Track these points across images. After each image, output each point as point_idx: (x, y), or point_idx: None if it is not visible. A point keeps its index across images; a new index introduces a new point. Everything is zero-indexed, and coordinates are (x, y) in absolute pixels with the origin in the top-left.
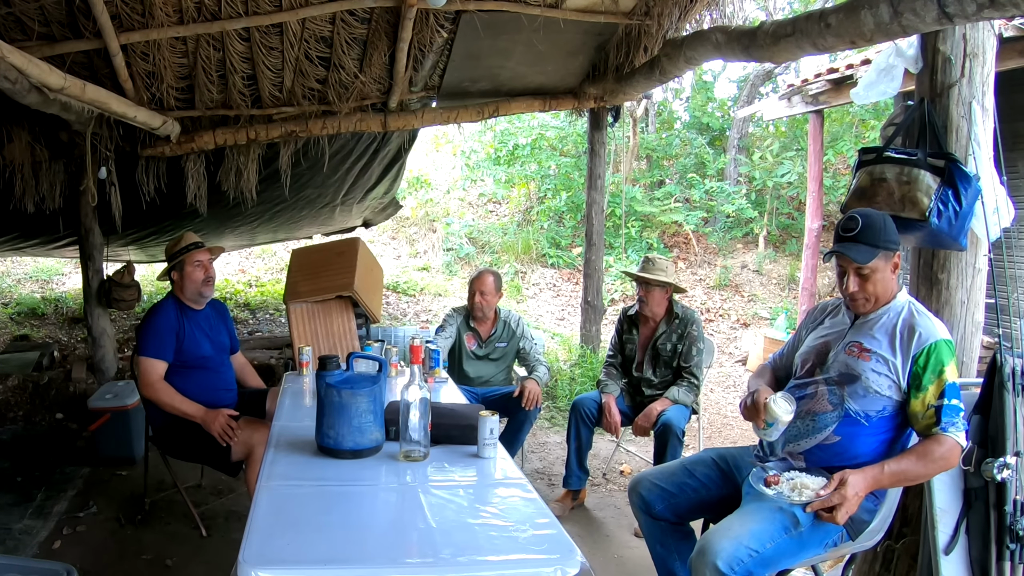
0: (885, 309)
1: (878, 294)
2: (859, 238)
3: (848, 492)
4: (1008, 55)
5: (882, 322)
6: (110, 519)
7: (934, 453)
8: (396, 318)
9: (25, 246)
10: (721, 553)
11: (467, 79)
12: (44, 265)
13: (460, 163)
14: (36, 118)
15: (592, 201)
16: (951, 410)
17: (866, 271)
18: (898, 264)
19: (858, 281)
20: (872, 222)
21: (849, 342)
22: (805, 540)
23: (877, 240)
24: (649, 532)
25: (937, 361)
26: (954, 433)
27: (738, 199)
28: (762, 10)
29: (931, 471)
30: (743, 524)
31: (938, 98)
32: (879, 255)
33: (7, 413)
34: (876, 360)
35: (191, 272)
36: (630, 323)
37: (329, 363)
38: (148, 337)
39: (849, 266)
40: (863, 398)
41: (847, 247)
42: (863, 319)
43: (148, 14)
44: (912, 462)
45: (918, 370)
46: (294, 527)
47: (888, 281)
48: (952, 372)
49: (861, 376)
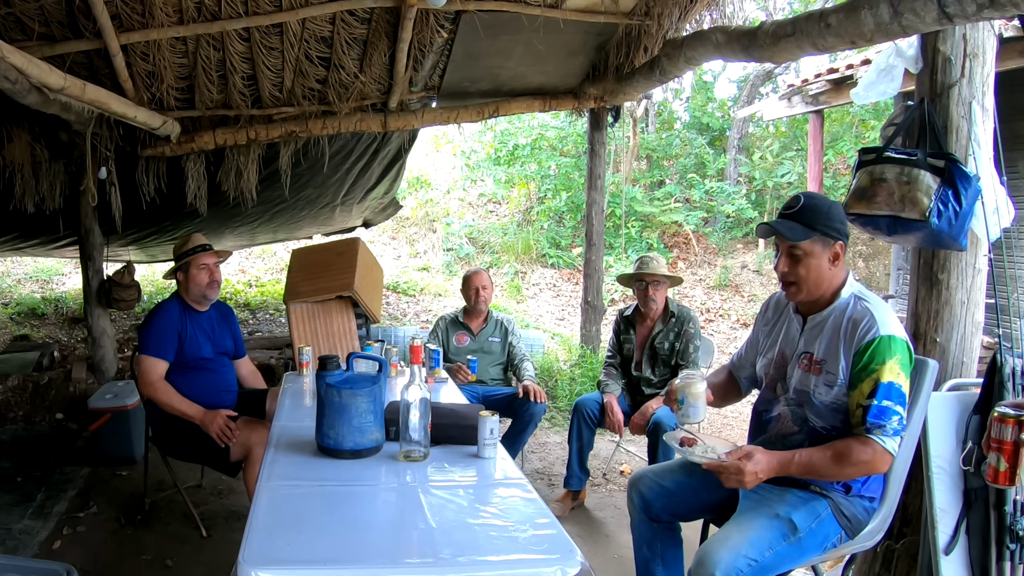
0: (830, 309)
1: (809, 281)
2: (796, 217)
3: (747, 467)
4: (1008, 55)
5: (828, 325)
6: (110, 519)
7: (853, 456)
8: (396, 318)
9: (25, 246)
10: (720, 564)
11: (467, 79)
12: (44, 265)
13: (460, 163)
14: (36, 118)
15: (592, 201)
16: (881, 412)
17: (798, 252)
18: (839, 256)
19: (788, 262)
20: (814, 204)
21: (801, 353)
22: (804, 545)
23: (815, 223)
24: (640, 533)
25: (874, 357)
26: (880, 437)
27: (738, 199)
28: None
29: (848, 473)
30: (741, 533)
31: (938, 98)
32: (814, 238)
33: (7, 413)
34: (825, 372)
35: (196, 274)
36: (627, 323)
37: (329, 363)
38: (150, 336)
39: (782, 244)
40: (822, 414)
41: (780, 223)
42: (810, 323)
43: (148, 14)
44: (826, 458)
45: (856, 366)
46: (294, 527)
47: (822, 270)
48: (892, 371)
49: (812, 392)
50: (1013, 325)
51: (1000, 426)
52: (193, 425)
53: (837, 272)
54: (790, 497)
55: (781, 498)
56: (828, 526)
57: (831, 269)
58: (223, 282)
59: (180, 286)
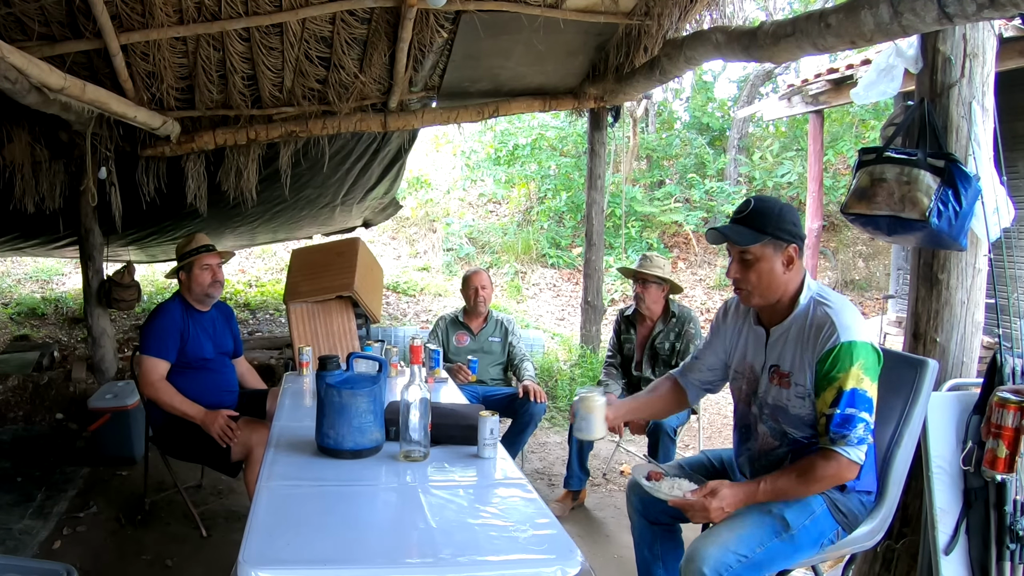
0: (792, 319)
1: (761, 287)
2: (746, 221)
3: (712, 503)
4: (1008, 55)
5: (792, 335)
6: (110, 519)
7: (817, 472)
8: (396, 318)
9: (25, 246)
10: (708, 559)
11: (467, 79)
12: (44, 265)
13: (460, 163)
14: (36, 118)
15: (592, 201)
16: (844, 421)
17: (749, 257)
18: (793, 259)
19: (739, 267)
20: (765, 208)
21: (770, 366)
22: (798, 541)
23: (765, 226)
24: (640, 536)
25: (835, 365)
26: (844, 448)
27: (738, 199)
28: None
29: (816, 489)
30: (731, 530)
31: (938, 98)
32: (764, 241)
33: (7, 413)
34: (795, 385)
35: (198, 274)
36: (628, 323)
37: (329, 363)
38: (152, 336)
39: (732, 249)
40: (800, 426)
41: (729, 227)
42: (774, 335)
43: (148, 14)
44: (791, 481)
45: (819, 374)
46: (294, 527)
47: (775, 275)
48: (855, 377)
49: (787, 407)
50: (1013, 325)
51: (1001, 411)
52: (193, 425)
53: (792, 276)
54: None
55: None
56: (823, 522)
57: (785, 273)
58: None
59: (182, 286)
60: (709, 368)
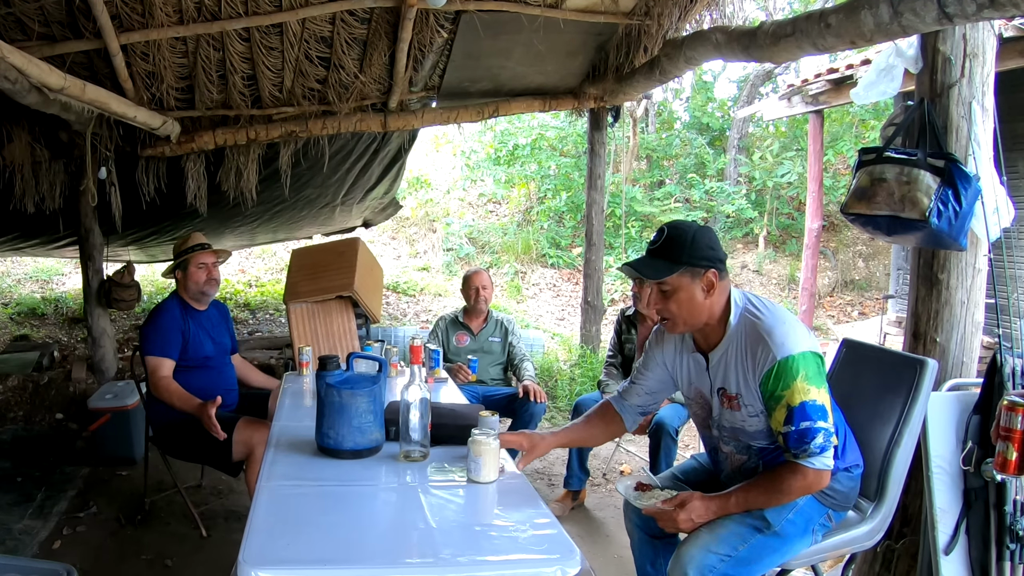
0: (726, 340)
1: (683, 315)
2: (659, 253)
3: (680, 515)
4: (1008, 55)
5: (730, 356)
6: (110, 519)
7: (785, 484)
8: (396, 318)
9: (25, 246)
10: (691, 562)
11: (467, 79)
12: (44, 265)
13: (460, 163)
14: (36, 118)
15: (592, 201)
16: (802, 435)
17: (667, 288)
18: (713, 283)
19: (659, 298)
20: (678, 236)
21: (718, 389)
22: (785, 534)
23: (680, 256)
24: (641, 551)
25: (778, 383)
26: (808, 460)
27: (738, 199)
28: (762, 10)
29: (786, 500)
30: (711, 530)
31: (938, 98)
32: (680, 271)
33: (7, 413)
34: (745, 406)
35: (194, 272)
36: (628, 323)
37: (329, 363)
38: (153, 336)
39: (650, 282)
40: (761, 438)
41: (641, 262)
42: (714, 360)
43: (148, 14)
44: (761, 492)
45: (765, 396)
46: (294, 527)
47: (695, 302)
48: (800, 391)
49: (744, 427)
50: (1013, 325)
51: (1009, 415)
52: (193, 425)
53: (715, 299)
54: None
55: None
56: (808, 510)
57: (707, 299)
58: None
59: (179, 284)
60: (648, 392)
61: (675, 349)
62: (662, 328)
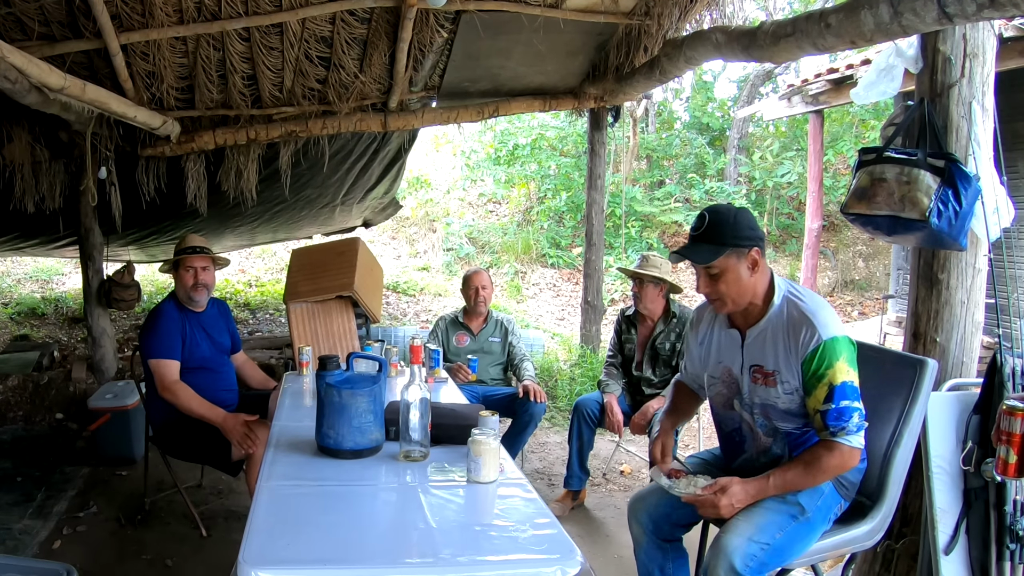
0: (767, 320)
1: (732, 295)
2: (704, 238)
3: (722, 501)
4: (1008, 55)
5: (769, 334)
6: (110, 519)
7: (823, 462)
8: (396, 318)
9: (25, 246)
10: (736, 552)
11: (467, 79)
12: (44, 265)
13: (460, 163)
14: (36, 118)
15: (592, 201)
16: (840, 413)
17: (715, 271)
18: (757, 262)
19: (708, 281)
20: (719, 219)
21: (750, 367)
22: (813, 521)
23: (724, 238)
24: (649, 557)
25: (823, 362)
26: (845, 438)
27: (738, 199)
28: (762, 10)
29: (822, 479)
30: (749, 521)
31: (938, 98)
32: (726, 253)
33: (7, 413)
34: (781, 382)
35: (182, 275)
36: (628, 323)
37: (329, 363)
38: (155, 339)
39: (697, 267)
40: (789, 420)
41: (688, 248)
42: (751, 336)
43: (148, 14)
44: (799, 473)
45: (807, 374)
46: (294, 527)
47: (743, 281)
48: (842, 371)
49: (776, 403)
50: (1013, 325)
51: (1009, 419)
52: (194, 424)
53: (759, 278)
54: None
55: None
56: (830, 499)
57: (752, 277)
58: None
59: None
60: (699, 375)
61: (708, 326)
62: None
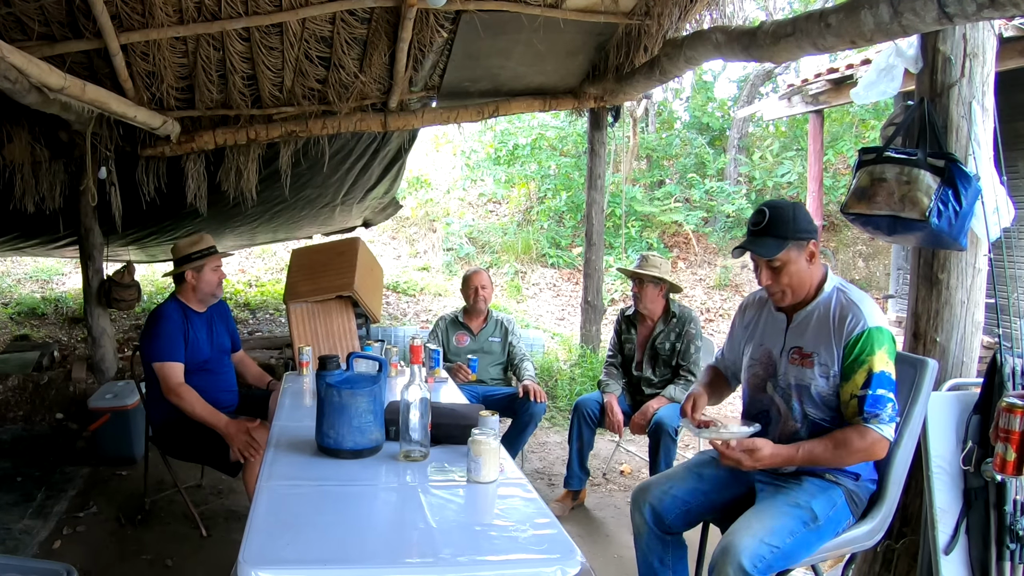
0: (815, 304)
1: (793, 286)
2: (766, 231)
3: (746, 460)
4: (1008, 55)
5: (815, 319)
6: (110, 519)
7: (852, 444)
8: (396, 318)
9: (25, 246)
10: (745, 552)
11: (467, 79)
12: (44, 265)
13: (460, 163)
14: (36, 118)
15: (592, 201)
16: (876, 401)
17: (777, 264)
18: (815, 253)
19: (770, 274)
20: (780, 214)
21: (790, 348)
22: (822, 530)
23: (786, 232)
24: (649, 548)
25: (864, 349)
26: (877, 426)
27: (738, 199)
28: (762, 10)
29: (848, 461)
30: (762, 522)
31: (938, 98)
32: (788, 247)
33: (7, 413)
34: (817, 364)
35: (209, 275)
36: (628, 323)
37: (329, 363)
38: (159, 342)
39: (760, 260)
40: (819, 406)
41: (753, 242)
42: (796, 320)
43: (148, 14)
44: (827, 449)
45: (848, 359)
46: (294, 527)
47: (803, 273)
48: (882, 360)
49: (810, 385)
50: (1013, 325)
51: (1008, 416)
52: (193, 425)
53: (816, 269)
54: (808, 486)
55: (799, 487)
56: (842, 512)
57: (810, 268)
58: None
59: (185, 286)
60: (736, 361)
61: (756, 311)
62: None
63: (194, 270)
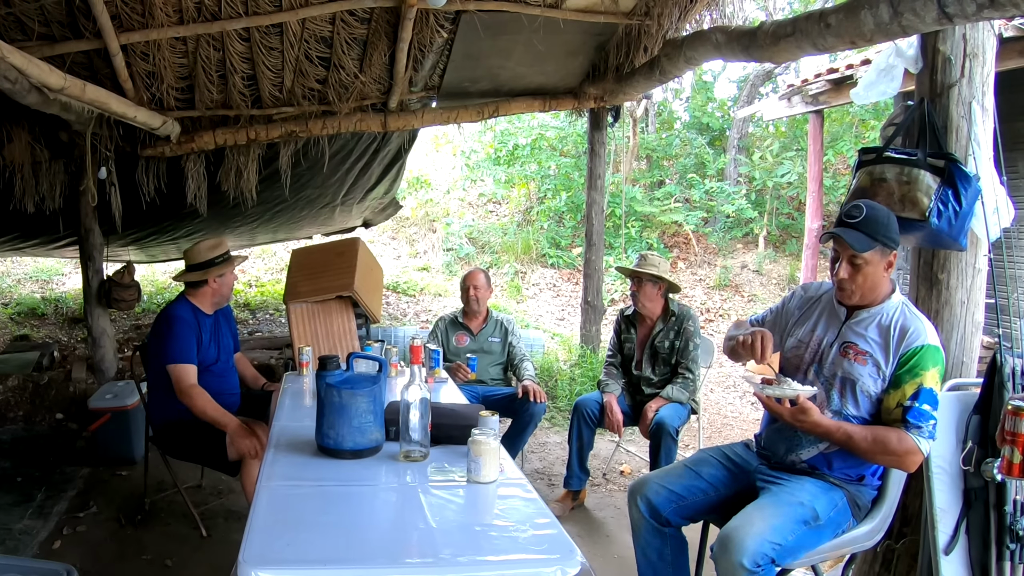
0: (879, 308)
1: (865, 288)
2: (860, 227)
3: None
4: (1008, 55)
5: (876, 321)
6: (110, 519)
7: (889, 444)
8: (396, 318)
9: (25, 246)
10: (747, 550)
11: (467, 79)
12: (44, 265)
13: (460, 163)
14: (36, 118)
15: (592, 201)
16: (920, 414)
17: (859, 261)
18: (892, 264)
19: (849, 269)
20: (876, 215)
21: (844, 343)
22: (822, 530)
23: (877, 233)
24: (647, 542)
25: (919, 363)
26: (917, 437)
27: (738, 199)
28: (762, 10)
29: (876, 460)
30: (763, 519)
31: (938, 98)
32: (875, 248)
33: (7, 413)
34: (871, 363)
35: (230, 278)
36: (628, 323)
37: (329, 363)
38: (174, 343)
39: (844, 252)
40: (859, 403)
41: (846, 232)
42: (857, 317)
43: (148, 14)
44: (864, 439)
45: (900, 369)
46: (294, 527)
47: (879, 277)
48: (932, 378)
49: (858, 381)
50: (1013, 325)
51: (1015, 419)
52: (194, 425)
53: (887, 279)
54: (810, 487)
55: (801, 487)
56: (843, 514)
57: (884, 276)
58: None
59: (203, 289)
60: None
61: (817, 299)
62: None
63: (219, 276)
